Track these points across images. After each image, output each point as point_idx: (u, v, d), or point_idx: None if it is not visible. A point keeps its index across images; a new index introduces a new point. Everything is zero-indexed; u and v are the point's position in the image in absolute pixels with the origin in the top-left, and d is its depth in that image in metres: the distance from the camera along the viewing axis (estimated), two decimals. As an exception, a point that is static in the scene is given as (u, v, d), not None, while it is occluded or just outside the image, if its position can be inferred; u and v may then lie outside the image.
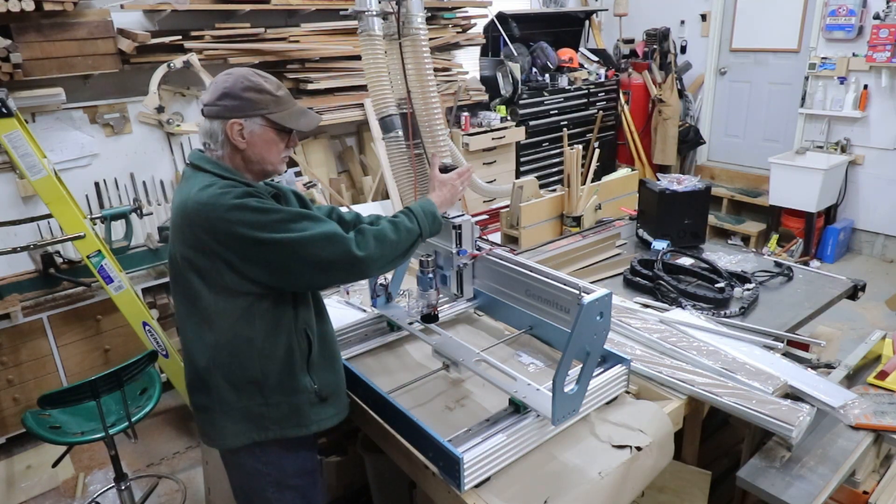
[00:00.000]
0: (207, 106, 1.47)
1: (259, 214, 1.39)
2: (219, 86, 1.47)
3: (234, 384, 1.52)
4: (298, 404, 1.55)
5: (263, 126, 1.48)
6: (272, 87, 1.49)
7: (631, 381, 1.69)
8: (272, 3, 3.87)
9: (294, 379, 1.54)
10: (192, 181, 1.46)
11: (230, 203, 1.38)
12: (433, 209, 1.64)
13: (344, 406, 1.67)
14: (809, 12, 5.22)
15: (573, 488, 1.39)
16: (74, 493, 2.91)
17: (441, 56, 4.97)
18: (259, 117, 1.47)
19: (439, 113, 3.37)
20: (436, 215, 1.63)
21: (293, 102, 1.53)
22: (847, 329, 3.84)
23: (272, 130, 1.49)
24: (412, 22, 3.09)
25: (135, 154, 3.80)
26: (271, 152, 1.51)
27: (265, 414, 1.54)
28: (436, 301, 1.84)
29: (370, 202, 4.09)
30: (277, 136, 1.51)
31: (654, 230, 2.76)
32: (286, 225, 1.40)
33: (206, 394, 1.54)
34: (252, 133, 1.48)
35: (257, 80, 1.48)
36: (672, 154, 5.92)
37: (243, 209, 1.38)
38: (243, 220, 1.37)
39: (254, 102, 1.46)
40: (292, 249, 1.40)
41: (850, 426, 1.63)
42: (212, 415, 1.55)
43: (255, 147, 1.49)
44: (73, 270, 3.23)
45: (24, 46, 3.10)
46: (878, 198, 5.05)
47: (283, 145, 1.54)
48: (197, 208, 1.40)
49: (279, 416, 1.54)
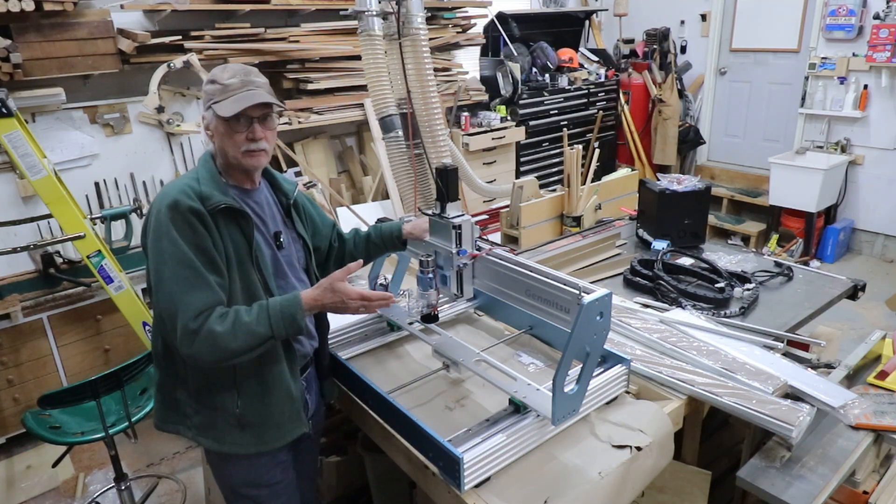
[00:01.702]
0: None
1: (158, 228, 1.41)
2: None
3: (169, 373, 1.56)
4: (215, 420, 1.54)
5: (214, 117, 1.47)
6: (226, 76, 1.46)
7: (631, 381, 1.69)
8: (272, 3, 3.87)
9: (214, 393, 1.52)
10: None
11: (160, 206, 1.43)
12: (294, 312, 1.45)
13: (272, 439, 1.56)
14: (809, 12, 5.22)
15: (573, 488, 1.39)
16: (74, 493, 2.91)
17: (441, 56, 4.97)
18: (211, 110, 1.47)
19: (439, 113, 3.37)
20: (295, 318, 1.45)
21: (244, 86, 1.46)
22: (847, 329, 3.84)
23: (220, 119, 1.47)
24: (412, 22, 3.09)
25: (135, 154, 3.80)
26: (228, 142, 1.49)
27: (186, 413, 1.56)
28: (436, 301, 1.84)
29: (370, 202, 4.09)
30: (226, 124, 1.47)
31: (654, 230, 2.76)
32: (166, 260, 1.39)
33: (157, 371, 1.61)
34: (210, 126, 1.50)
35: (217, 71, 1.49)
36: (672, 154, 5.92)
37: (158, 214, 1.42)
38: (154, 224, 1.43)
39: (208, 94, 1.48)
40: (153, 281, 1.44)
41: (850, 426, 1.63)
42: (156, 392, 1.63)
43: (217, 138, 1.50)
44: (73, 270, 3.23)
45: (24, 46, 3.10)
46: (878, 198, 5.05)
47: (241, 135, 1.48)
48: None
49: (197, 423, 1.56)
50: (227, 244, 1.46)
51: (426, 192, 3.50)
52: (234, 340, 1.39)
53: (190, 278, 1.39)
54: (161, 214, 1.41)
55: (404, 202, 3.56)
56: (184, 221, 1.40)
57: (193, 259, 1.40)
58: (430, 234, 1.83)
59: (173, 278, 1.39)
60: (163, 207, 1.41)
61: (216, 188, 1.47)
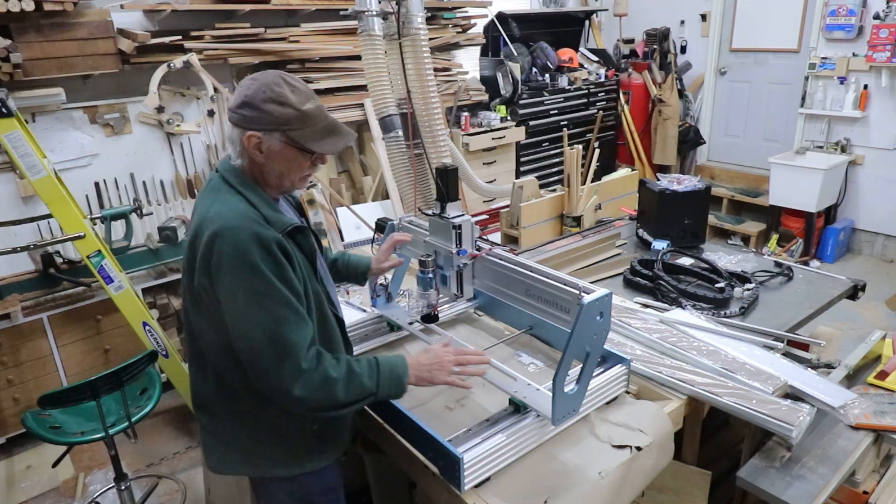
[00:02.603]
0: (231, 111, 1.37)
1: (240, 265, 1.27)
2: (241, 91, 1.35)
3: (228, 411, 1.46)
4: (293, 445, 1.49)
5: (283, 143, 1.35)
6: (297, 100, 1.33)
7: (631, 381, 1.69)
8: (272, 3, 3.87)
9: (291, 419, 1.45)
10: (217, 196, 1.38)
11: (235, 240, 1.28)
12: (402, 374, 1.42)
13: (344, 440, 1.58)
14: (809, 12, 5.22)
15: (573, 488, 1.39)
16: (74, 493, 2.91)
17: (441, 56, 4.97)
18: (279, 133, 1.34)
19: (439, 113, 3.37)
20: (401, 380, 1.42)
21: (322, 118, 1.37)
22: (847, 329, 3.84)
23: (293, 148, 1.35)
24: (412, 22, 3.09)
25: (135, 154, 3.81)
26: (292, 171, 1.39)
27: (253, 451, 1.48)
28: (436, 301, 1.84)
29: (370, 202, 4.09)
30: (300, 155, 1.37)
31: (654, 230, 2.76)
32: (265, 302, 1.28)
33: (206, 412, 1.51)
34: (270, 149, 1.35)
35: (282, 90, 1.32)
36: (672, 154, 5.92)
37: (236, 250, 1.28)
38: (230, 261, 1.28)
39: (274, 116, 1.32)
40: (242, 323, 1.29)
41: (850, 426, 1.63)
42: (207, 435, 1.52)
43: (274, 163, 1.37)
44: (73, 270, 3.23)
45: (24, 46, 3.10)
46: (878, 198, 5.05)
47: (308, 164, 1.40)
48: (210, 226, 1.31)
49: (269, 455, 1.48)
50: (298, 265, 1.38)
51: (426, 192, 3.50)
52: (345, 390, 1.34)
53: (290, 317, 1.31)
54: (240, 250, 1.28)
55: (404, 202, 3.57)
56: (268, 254, 1.29)
57: (289, 296, 1.31)
58: (430, 234, 1.83)
59: (275, 320, 1.29)
60: (241, 242, 1.28)
61: (271, 208, 1.38)
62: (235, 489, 1.97)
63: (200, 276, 1.34)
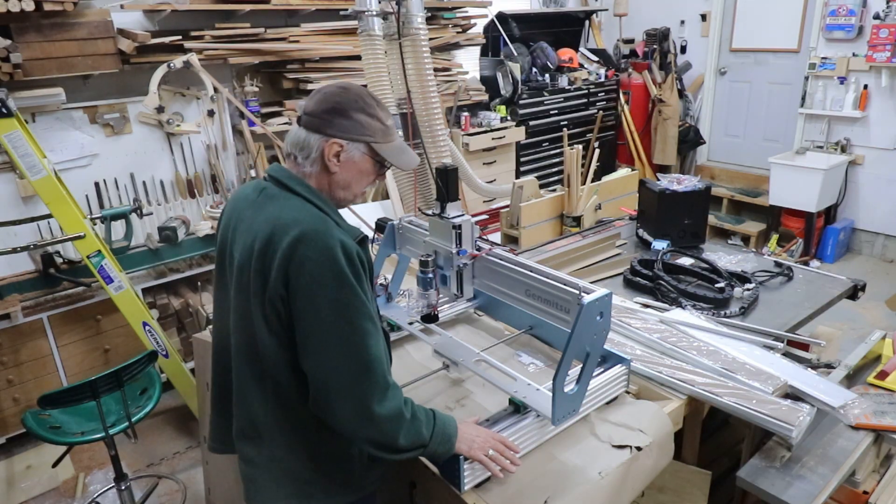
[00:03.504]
0: (309, 116, 1.32)
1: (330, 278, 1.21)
2: (329, 97, 1.32)
3: (286, 441, 1.36)
4: (348, 473, 1.41)
5: (364, 154, 1.35)
6: (383, 115, 1.36)
7: (631, 381, 1.69)
8: (272, 3, 3.87)
9: (349, 445, 1.39)
10: (284, 202, 1.31)
11: (321, 245, 1.22)
12: (452, 434, 1.36)
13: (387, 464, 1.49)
14: (809, 12, 5.22)
15: (573, 488, 1.39)
16: (74, 493, 2.91)
17: (441, 56, 4.97)
18: (364, 144, 1.34)
19: (439, 113, 3.37)
20: (451, 440, 1.36)
21: (396, 134, 1.41)
22: (847, 329, 3.84)
23: (371, 161, 1.36)
24: (412, 22, 3.09)
25: (135, 154, 3.80)
26: (361, 182, 1.38)
27: (312, 482, 1.39)
28: (436, 301, 1.84)
29: (370, 202, 4.09)
30: (373, 167, 1.38)
31: (654, 230, 2.76)
32: (350, 313, 1.23)
33: (257, 444, 1.40)
34: (349, 158, 1.33)
35: (371, 102, 1.34)
36: (672, 154, 5.92)
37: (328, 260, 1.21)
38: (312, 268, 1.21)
39: (363, 127, 1.32)
40: (320, 334, 1.23)
41: (850, 426, 1.63)
42: (254, 470, 1.41)
43: (346, 173, 1.35)
44: (73, 270, 3.23)
45: (24, 46, 3.10)
46: (878, 198, 5.05)
47: (373, 178, 1.41)
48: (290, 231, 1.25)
49: (327, 486, 1.40)
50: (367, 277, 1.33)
51: (426, 192, 3.50)
52: (405, 432, 1.29)
53: (372, 330, 1.27)
54: (327, 256, 1.22)
55: (404, 202, 3.56)
56: (351, 263, 1.24)
57: (371, 308, 1.29)
58: (430, 234, 1.83)
59: (359, 332, 1.24)
60: (328, 248, 1.22)
61: (339, 217, 1.35)
62: (236, 489, 1.97)
63: (277, 285, 1.24)
